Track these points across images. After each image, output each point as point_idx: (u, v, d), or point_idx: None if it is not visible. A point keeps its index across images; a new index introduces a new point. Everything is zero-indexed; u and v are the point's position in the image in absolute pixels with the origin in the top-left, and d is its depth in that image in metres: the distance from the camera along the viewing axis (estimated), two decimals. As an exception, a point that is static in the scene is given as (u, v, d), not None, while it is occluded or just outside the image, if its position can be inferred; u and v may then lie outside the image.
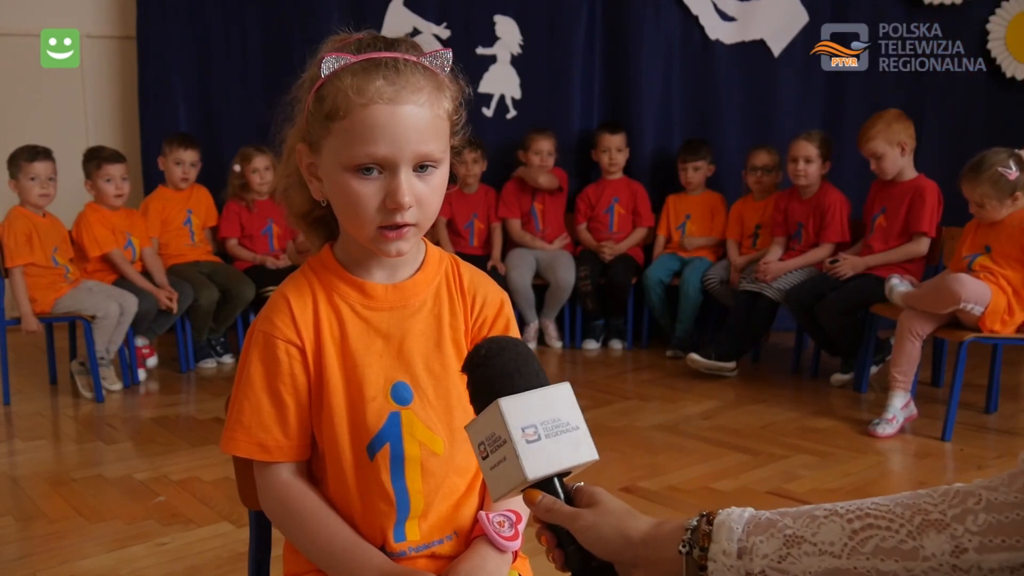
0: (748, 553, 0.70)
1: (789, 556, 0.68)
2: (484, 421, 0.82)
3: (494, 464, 0.82)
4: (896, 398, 3.14)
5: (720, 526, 0.73)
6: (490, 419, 0.81)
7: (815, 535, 0.68)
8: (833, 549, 0.66)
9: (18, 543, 2.30)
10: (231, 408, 1.03)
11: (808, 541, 0.68)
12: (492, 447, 0.81)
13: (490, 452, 0.82)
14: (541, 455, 0.79)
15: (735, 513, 0.73)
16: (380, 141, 0.91)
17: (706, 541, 0.73)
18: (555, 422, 0.81)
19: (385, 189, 0.93)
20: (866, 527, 0.66)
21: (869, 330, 3.65)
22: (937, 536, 0.63)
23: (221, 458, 2.82)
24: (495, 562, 0.98)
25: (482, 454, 0.83)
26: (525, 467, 0.78)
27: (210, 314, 4.19)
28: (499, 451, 0.81)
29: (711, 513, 0.75)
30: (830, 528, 0.67)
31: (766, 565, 0.69)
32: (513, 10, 4.83)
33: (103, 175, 3.92)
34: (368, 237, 0.96)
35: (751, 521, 0.72)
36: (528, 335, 4.58)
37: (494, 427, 0.81)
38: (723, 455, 2.90)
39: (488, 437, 0.82)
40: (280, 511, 1.02)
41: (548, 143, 4.62)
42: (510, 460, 0.79)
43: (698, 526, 0.74)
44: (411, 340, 1.02)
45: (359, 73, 0.92)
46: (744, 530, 0.71)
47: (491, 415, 0.81)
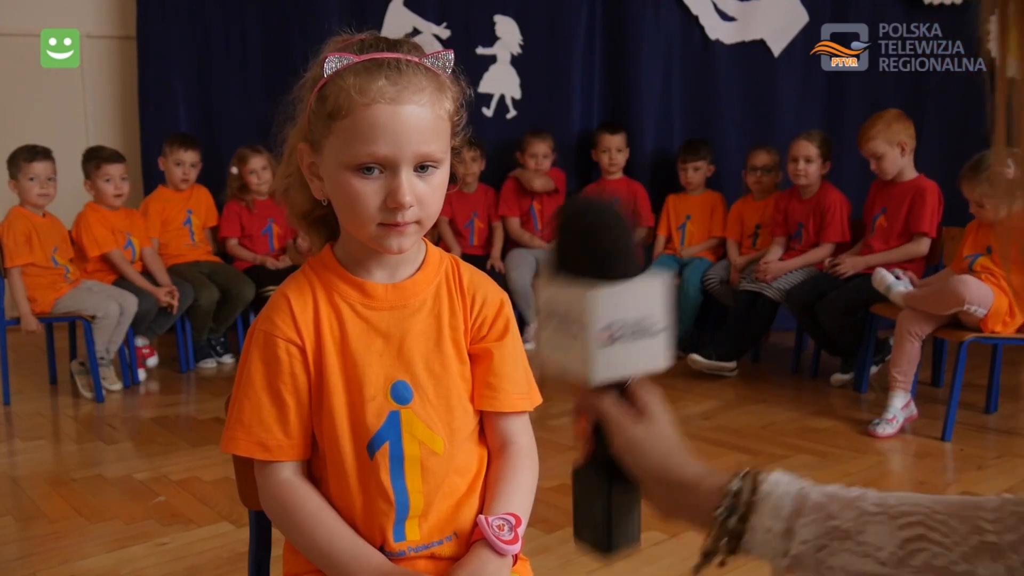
0: (790, 534, 0.66)
1: (828, 548, 0.64)
2: (563, 296, 0.71)
3: (555, 338, 0.73)
4: (896, 398, 3.14)
5: (766, 499, 0.68)
6: (571, 299, 0.71)
7: (861, 534, 0.63)
8: (879, 555, 0.62)
9: (18, 543, 2.30)
10: (231, 407, 1.03)
11: (852, 539, 0.63)
12: (561, 323, 0.72)
13: (556, 326, 0.73)
14: (613, 360, 0.71)
15: (782, 486, 0.68)
16: (381, 140, 0.92)
17: (748, 512, 0.68)
18: (638, 323, 0.71)
19: (386, 188, 0.94)
20: (918, 538, 0.61)
21: (869, 330, 3.65)
22: (991, 564, 0.59)
23: (221, 458, 2.82)
24: (495, 565, 0.98)
25: (545, 321, 0.74)
26: (592, 371, 0.71)
27: (210, 314, 4.19)
28: (567, 333, 0.71)
29: (756, 478, 0.70)
30: (879, 530, 0.63)
31: (804, 550, 0.65)
32: (513, 10, 4.83)
33: (102, 175, 3.92)
34: (369, 235, 0.96)
35: (798, 500, 0.67)
36: (528, 335, 4.58)
37: (571, 309, 0.71)
38: (723, 455, 2.90)
39: (561, 312, 0.72)
40: (280, 511, 1.02)
41: (544, 145, 4.62)
42: (576, 354, 0.71)
43: (741, 492, 0.69)
44: (411, 339, 1.02)
45: (361, 73, 0.92)
46: (792, 509, 0.66)
47: (574, 297, 0.70)
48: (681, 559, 2.13)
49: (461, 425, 1.04)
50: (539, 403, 1.11)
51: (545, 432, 3.15)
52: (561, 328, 0.72)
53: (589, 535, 0.78)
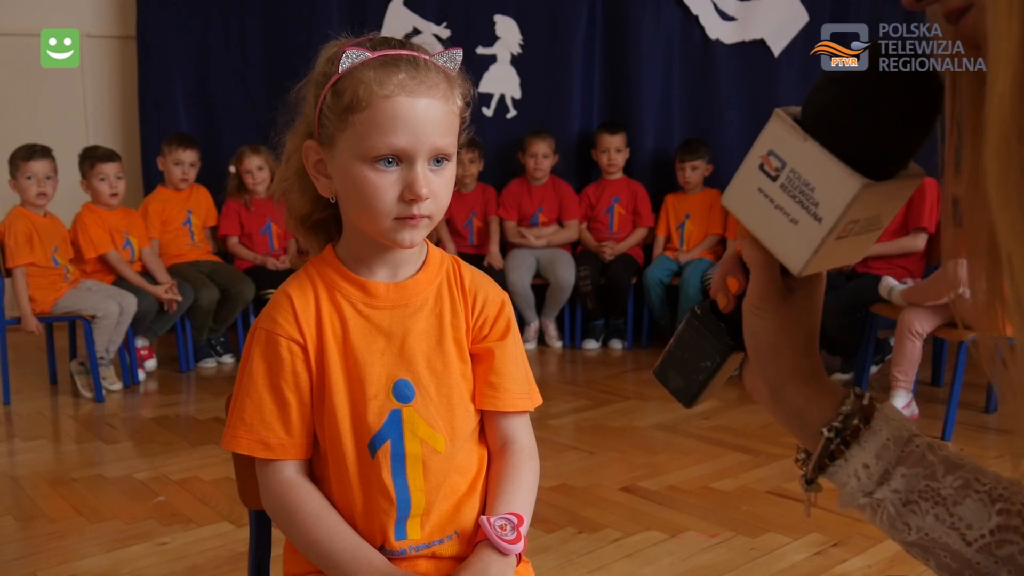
0: (886, 478, 0.63)
1: (916, 504, 0.62)
2: (823, 169, 0.60)
3: (779, 197, 0.63)
4: (897, 398, 3.14)
5: (875, 435, 0.64)
6: (833, 178, 0.60)
7: (957, 505, 0.61)
8: (968, 534, 0.60)
9: (18, 543, 2.30)
10: (233, 405, 1.03)
11: (946, 507, 0.61)
12: (794, 191, 0.62)
13: (784, 190, 0.62)
14: (834, 254, 0.64)
15: (893, 423, 0.65)
16: (401, 132, 0.93)
17: (853, 439, 0.65)
18: (872, 220, 0.64)
19: (403, 181, 0.95)
20: (1011, 528, 0.59)
21: (869, 330, 3.65)
22: None
23: (221, 458, 2.82)
24: (499, 566, 0.98)
25: (771, 173, 0.63)
26: (809, 260, 0.62)
27: (210, 314, 4.20)
28: (801, 202, 0.62)
29: (870, 404, 0.66)
30: (975, 509, 0.60)
31: (891, 499, 0.63)
32: (513, 10, 4.84)
33: (97, 174, 3.92)
34: (383, 229, 0.97)
35: (906, 446, 0.64)
36: (528, 335, 4.59)
37: (826, 187, 0.60)
38: (723, 455, 2.91)
39: (802, 180, 0.61)
40: (281, 510, 1.02)
41: (545, 146, 4.62)
42: (799, 236, 0.62)
43: (852, 417, 0.66)
44: (413, 338, 1.03)
45: (380, 67, 0.94)
46: (896, 455, 0.64)
47: (839, 179, 0.60)
48: (681, 559, 2.14)
49: (462, 424, 1.04)
50: (539, 403, 1.11)
51: (545, 432, 3.15)
52: (793, 194, 0.62)
53: (677, 382, 0.74)
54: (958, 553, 0.60)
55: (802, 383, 0.69)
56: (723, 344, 0.72)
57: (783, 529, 2.29)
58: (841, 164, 0.59)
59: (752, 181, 0.64)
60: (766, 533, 2.27)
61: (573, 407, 3.53)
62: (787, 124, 0.62)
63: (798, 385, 0.69)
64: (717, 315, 0.72)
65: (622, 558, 2.13)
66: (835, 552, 2.15)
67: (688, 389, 0.74)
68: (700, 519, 2.38)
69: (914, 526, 0.62)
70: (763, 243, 0.65)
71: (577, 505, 2.46)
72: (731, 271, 0.71)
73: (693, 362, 0.73)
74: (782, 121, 0.62)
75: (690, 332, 0.73)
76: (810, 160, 0.61)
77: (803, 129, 0.61)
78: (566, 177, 4.80)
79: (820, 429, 0.66)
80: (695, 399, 0.74)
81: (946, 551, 0.61)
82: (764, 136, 0.63)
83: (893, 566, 2.07)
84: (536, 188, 4.71)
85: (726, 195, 0.68)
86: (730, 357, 0.72)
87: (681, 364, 0.74)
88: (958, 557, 0.60)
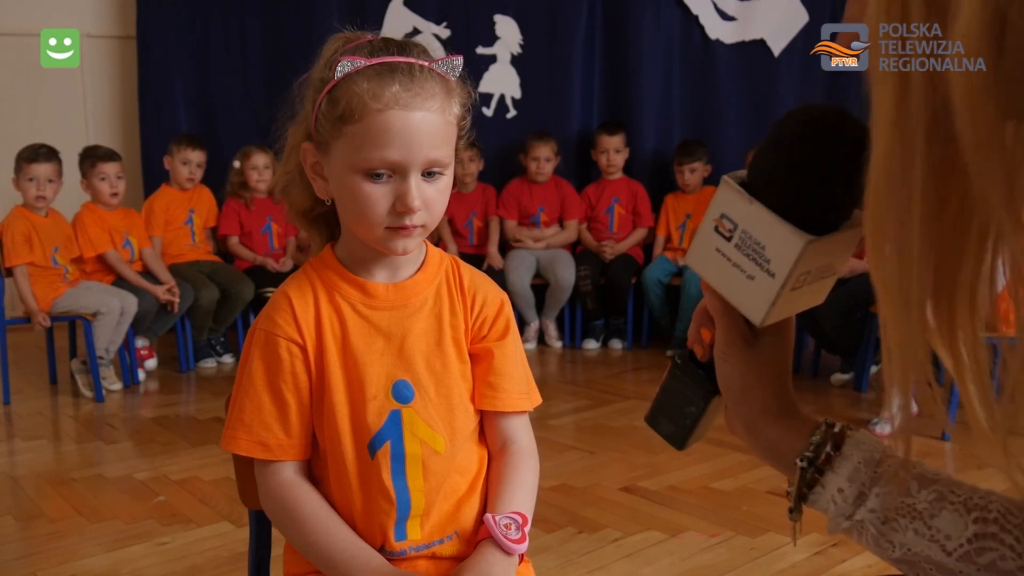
0: (861, 499, 0.66)
1: (896, 522, 0.64)
2: (770, 229, 0.64)
3: (735, 255, 0.67)
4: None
5: (846, 460, 0.67)
6: (780, 238, 0.64)
7: (934, 518, 0.62)
8: (947, 544, 0.61)
9: (18, 543, 2.30)
10: (232, 406, 1.03)
11: (923, 521, 0.63)
12: (751, 250, 0.66)
13: (739, 249, 0.66)
14: (792, 302, 0.68)
15: (864, 446, 0.67)
16: (394, 146, 0.92)
17: (826, 466, 0.68)
18: (825, 268, 0.68)
19: (395, 193, 0.94)
20: (989, 536, 0.60)
21: (869, 330, 3.65)
22: None
23: (221, 458, 2.82)
24: (502, 565, 0.98)
25: (724, 234, 0.67)
26: (768, 312, 0.66)
27: (210, 313, 4.20)
28: (755, 260, 0.66)
29: (840, 432, 0.69)
30: (952, 520, 0.62)
31: (870, 519, 0.65)
32: (513, 10, 4.84)
33: (98, 173, 3.92)
34: (376, 237, 0.97)
35: (878, 467, 0.66)
36: (528, 335, 4.59)
37: (775, 246, 0.64)
38: (723, 455, 2.90)
39: (757, 239, 0.65)
40: (280, 511, 1.02)
41: (547, 148, 4.62)
42: (755, 291, 0.66)
43: (823, 445, 0.68)
44: (412, 339, 1.03)
45: (374, 78, 0.92)
46: (869, 476, 0.66)
47: (784, 238, 0.64)
48: (681, 559, 2.14)
49: (462, 424, 1.04)
50: (539, 403, 1.11)
51: (545, 432, 3.15)
52: (747, 252, 0.66)
53: (667, 427, 0.80)
54: (940, 564, 0.62)
55: (774, 420, 0.72)
56: (704, 390, 0.77)
57: (783, 529, 2.28)
58: (785, 224, 0.64)
59: (710, 242, 0.68)
60: (766, 533, 2.27)
61: (573, 407, 3.53)
62: (734, 189, 0.66)
63: (770, 422, 0.72)
64: (696, 363, 0.77)
65: (622, 558, 2.13)
66: (835, 552, 2.14)
67: (678, 433, 0.79)
68: (700, 519, 2.38)
69: (897, 543, 0.63)
70: (725, 298, 0.69)
71: (577, 505, 2.46)
72: (703, 322, 0.75)
73: (679, 408, 0.78)
74: (730, 187, 0.66)
75: (673, 381, 0.79)
76: (758, 221, 0.65)
77: (749, 193, 0.65)
78: (566, 177, 4.80)
79: (795, 460, 0.69)
80: (685, 442, 0.79)
81: (929, 563, 0.62)
82: (716, 200, 0.68)
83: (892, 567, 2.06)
84: (537, 187, 4.71)
85: (688, 256, 0.72)
86: (712, 401, 0.77)
87: (669, 410, 0.79)
88: (941, 568, 0.62)
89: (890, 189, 0.49)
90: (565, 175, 4.80)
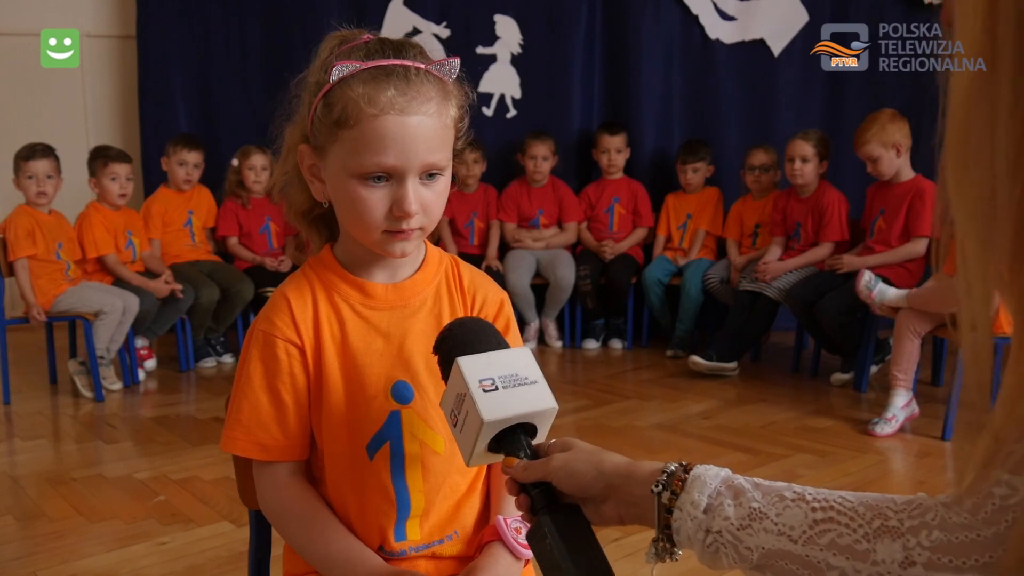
0: (713, 511, 0.72)
1: (749, 527, 0.70)
2: (450, 387, 0.85)
3: (461, 425, 0.83)
4: (897, 397, 3.14)
5: (696, 479, 0.74)
6: (454, 382, 0.84)
7: (779, 516, 0.70)
8: (792, 533, 0.69)
9: (18, 543, 2.30)
10: (230, 407, 1.03)
11: (770, 519, 0.70)
12: (458, 409, 0.83)
13: (458, 416, 0.84)
14: (497, 401, 0.82)
15: (712, 471, 0.75)
16: (390, 151, 0.92)
17: (679, 488, 0.75)
18: (513, 377, 0.84)
19: (392, 197, 0.94)
20: (827, 520, 0.68)
21: (869, 330, 3.65)
22: (891, 544, 0.65)
23: (221, 458, 2.82)
24: (512, 568, 0.98)
25: (452, 422, 0.85)
26: (481, 411, 0.81)
27: (210, 312, 4.20)
28: (463, 409, 0.83)
29: (689, 464, 0.77)
30: (794, 513, 0.69)
31: (726, 527, 0.71)
32: (513, 9, 4.84)
33: (109, 173, 3.93)
34: (373, 240, 0.97)
35: (725, 481, 0.74)
36: (528, 335, 4.58)
37: (457, 388, 0.83)
38: (723, 454, 2.90)
39: (455, 400, 0.84)
40: (278, 511, 1.02)
41: (544, 147, 4.62)
42: (471, 412, 0.82)
43: (675, 472, 0.76)
44: (411, 339, 1.02)
45: (369, 82, 0.91)
46: (717, 488, 0.73)
47: (454, 377, 0.84)
48: (681, 559, 2.13)
49: (462, 424, 1.04)
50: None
51: (545, 432, 3.14)
52: (460, 412, 0.83)
53: None
54: (790, 553, 0.68)
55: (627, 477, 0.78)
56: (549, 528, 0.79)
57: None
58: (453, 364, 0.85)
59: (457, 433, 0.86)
60: (766, 533, 2.27)
61: (573, 407, 3.53)
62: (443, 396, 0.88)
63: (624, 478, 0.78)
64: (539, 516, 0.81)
65: (622, 558, 2.13)
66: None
67: None
68: (700, 519, 2.37)
69: (754, 547, 0.70)
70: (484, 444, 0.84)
71: (577, 505, 2.46)
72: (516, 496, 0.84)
73: (553, 560, 0.79)
74: None
75: (535, 547, 0.81)
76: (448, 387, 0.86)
77: None
78: (566, 177, 4.80)
79: (650, 489, 0.76)
80: None
81: (781, 556, 0.69)
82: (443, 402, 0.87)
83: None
84: (536, 190, 4.71)
85: None
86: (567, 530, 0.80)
87: (553, 569, 0.80)
88: (791, 557, 0.68)
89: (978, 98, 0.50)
90: (565, 175, 4.80)
